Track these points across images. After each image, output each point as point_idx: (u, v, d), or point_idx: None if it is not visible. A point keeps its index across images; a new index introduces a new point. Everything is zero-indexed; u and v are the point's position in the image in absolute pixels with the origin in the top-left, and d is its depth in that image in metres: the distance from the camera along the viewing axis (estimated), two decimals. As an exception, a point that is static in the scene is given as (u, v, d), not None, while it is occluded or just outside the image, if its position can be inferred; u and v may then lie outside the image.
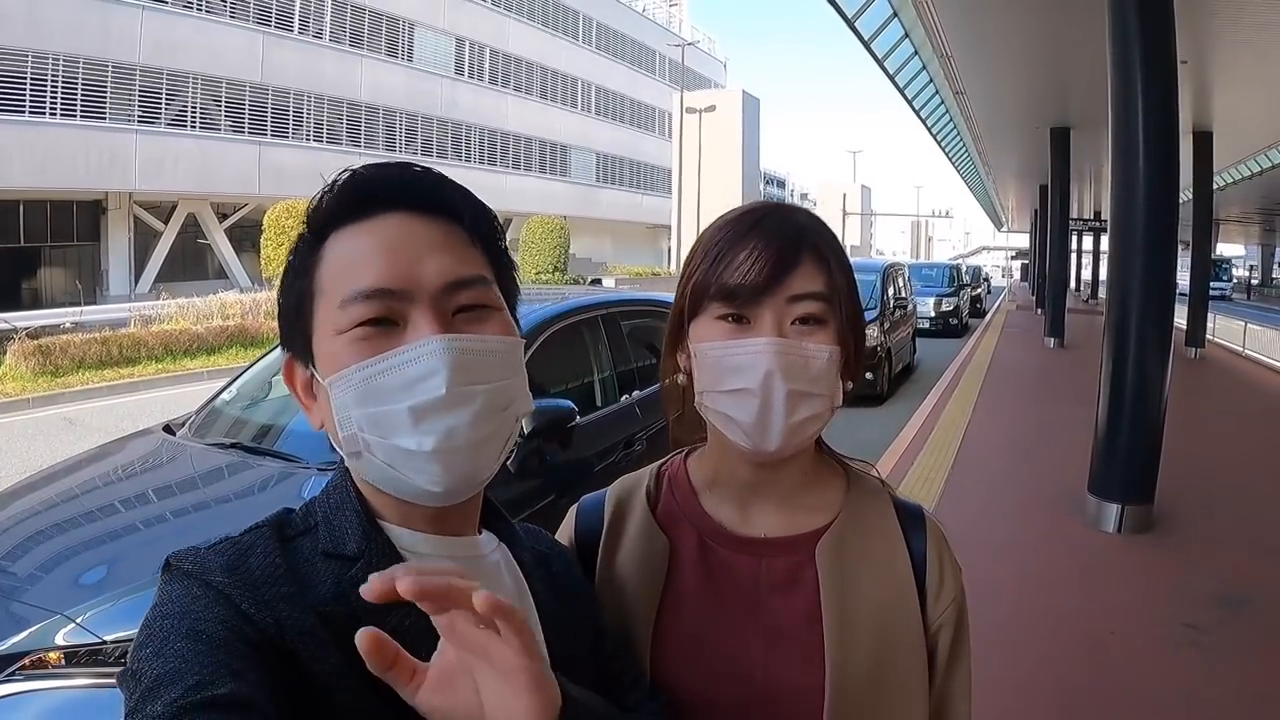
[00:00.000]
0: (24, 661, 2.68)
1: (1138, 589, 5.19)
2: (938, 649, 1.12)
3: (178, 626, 0.73)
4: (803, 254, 1.04)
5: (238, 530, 0.88)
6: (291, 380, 0.94)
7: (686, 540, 1.15)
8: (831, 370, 1.04)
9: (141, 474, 4.12)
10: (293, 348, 0.92)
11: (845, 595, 1.08)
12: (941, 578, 1.13)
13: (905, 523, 1.16)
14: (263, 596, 0.77)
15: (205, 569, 0.78)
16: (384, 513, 0.90)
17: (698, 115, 47.07)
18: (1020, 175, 29.86)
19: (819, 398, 1.04)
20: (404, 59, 37.64)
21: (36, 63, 24.24)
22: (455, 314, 0.87)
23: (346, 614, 0.79)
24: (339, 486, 0.92)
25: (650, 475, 1.24)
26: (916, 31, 12.88)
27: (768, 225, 1.05)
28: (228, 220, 31.90)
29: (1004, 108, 16.99)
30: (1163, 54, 6.01)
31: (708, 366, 1.05)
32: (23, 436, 10.19)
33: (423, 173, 0.91)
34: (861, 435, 10.20)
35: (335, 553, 0.85)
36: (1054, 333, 18.70)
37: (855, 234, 78.81)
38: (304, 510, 0.92)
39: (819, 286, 1.04)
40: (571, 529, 1.24)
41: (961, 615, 1.14)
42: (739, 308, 1.03)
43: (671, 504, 1.19)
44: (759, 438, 1.03)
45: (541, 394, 4.27)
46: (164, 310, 18.29)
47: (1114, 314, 6.18)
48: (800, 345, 1.02)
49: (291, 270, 0.91)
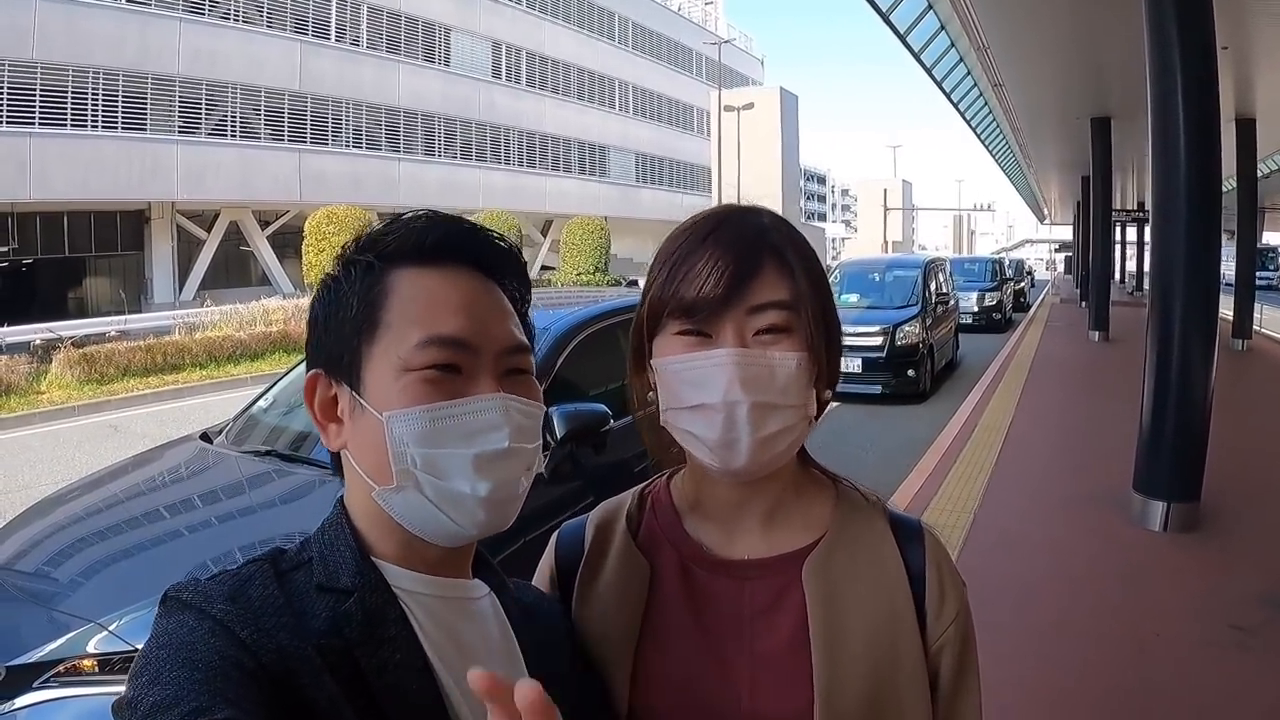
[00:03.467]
0: (58, 669, 2.71)
1: (1183, 589, 5.08)
2: (941, 671, 1.05)
3: (174, 656, 0.73)
4: (763, 260, 0.99)
5: (273, 538, 0.89)
6: (313, 396, 0.93)
7: (668, 564, 1.10)
8: (800, 379, 0.99)
9: (178, 482, 4.17)
10: (329, 366, 0.92)
11: (834, 617, 1.02)
12: (942, 594, 1.06)
13: (901, 537, 1.09)
14: (263, 625, 0.78)
15: (206, 599, 0.78)
16: (380, 550, 0.91)
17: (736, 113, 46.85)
18: (1061, 167, 29.47)
19: (788, 409, 0.99)
20: (441, 64, 37.86)
21: (77, 77, 24.70)
22: (503, 374, 0.91)
23: (340, 647, 0.82)
24: (334, 524, 0.93)
25: (632, 498, 1.20)
26: (953, 24, 12.76)
27: (724, 232, 1.01)
28: (270, 227, 32.29)
29: (1043, 99, 16.77)
30: (1201, 40, 5.88)
31: (668, 383, 1.01)
32: (69, 444, 10.40)
33: (490, 234, 0.97)
34: (905, 432, 10.17)
35: (329, 586, 0.86)
36: (1098, 326, 18.45)
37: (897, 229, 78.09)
38: (299, 546, 0.92)
39: (782, 294, 0.99)
40: (551, 559, 1.21)
41: (966, 634, 1.08)
42: (698, 323, 0.99)
43: (654, 527, 1.15)
44: (725, 455, 0.98)
45: (576, 398, 4.27)
46: (208, 317, 18.60)
47: (1157, 307, 6.06)
48: (763, 354, 0.97)
49: (345, 291, 0.91)
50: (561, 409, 3.92)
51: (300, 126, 31.56)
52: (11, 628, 2.95)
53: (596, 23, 47.82)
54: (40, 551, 3.42)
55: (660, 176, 54.04)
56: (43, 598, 3.07)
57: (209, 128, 28.57)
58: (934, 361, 14.05)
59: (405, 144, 36.07)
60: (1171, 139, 5.87)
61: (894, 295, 14.22)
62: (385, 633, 0.85)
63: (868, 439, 10.06)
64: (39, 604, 3.02)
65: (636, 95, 51.56)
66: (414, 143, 36.56)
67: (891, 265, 15.80)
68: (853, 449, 9.22)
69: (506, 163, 41.41)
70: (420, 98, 36.44)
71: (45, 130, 23.94)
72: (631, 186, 50.85)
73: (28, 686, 2.71)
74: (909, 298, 14.03)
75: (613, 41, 49.20)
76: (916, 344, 13.02)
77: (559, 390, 4.24)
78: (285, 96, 30.96)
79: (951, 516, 6.33)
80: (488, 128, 40.32)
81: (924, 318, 13.52)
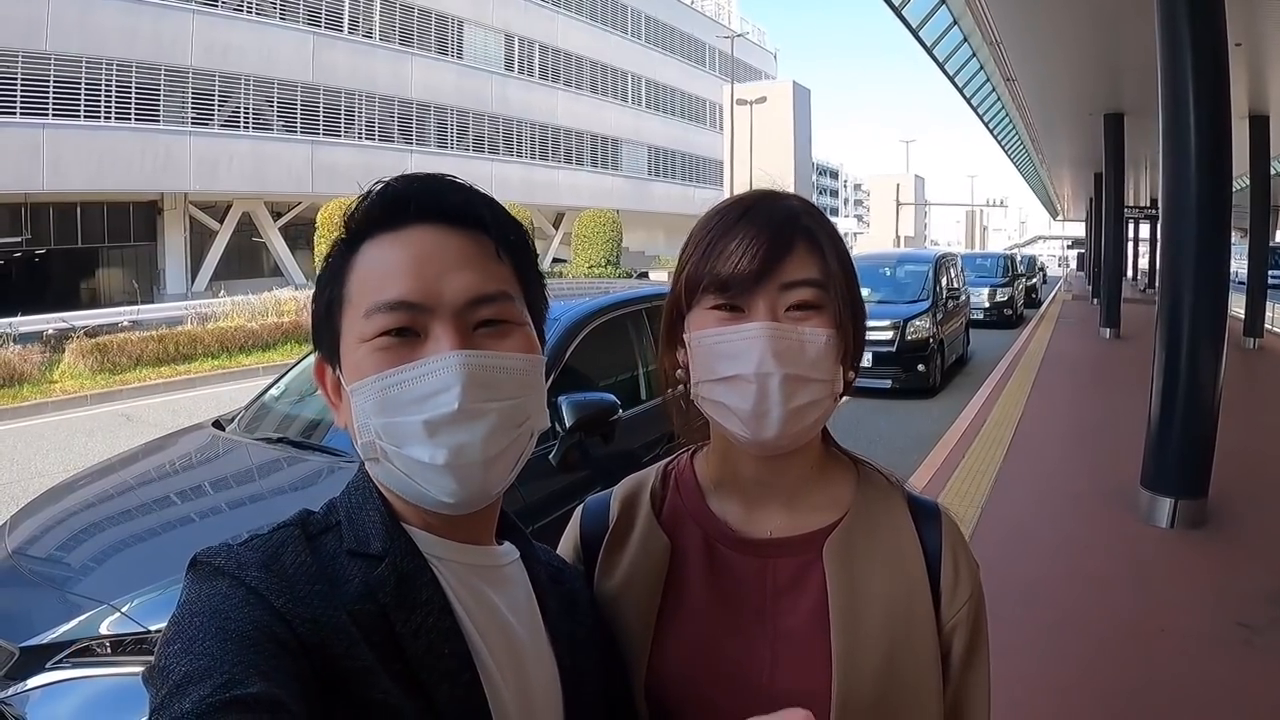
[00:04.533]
0: (71, 650, 2.75)
1: (1190, 586, 5.07)
2: (952, 649, 1.07)
3: (207, 625, 0.72)
4: (795, 240, 1.02)
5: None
6: (322, 379, 0.95)
7: (692, 541, 1.12)
8: (829, 355, 1.01)
9: (191, 469, 4.20)
10: (322, 349, 0.94)
11: (854, 595, 1.04)
12: (957, 575, 1.08)
13: (919, 519, 1.12)
14: (298, 594, 0.78)
15: (240, 565, 0.78)
16: (405, 514, 0.91)
17: (748, 107, 46.80)
18: (1075, 163, 29.34)
19: (818, 383, 1.01)
20: (454, 56, 37.88)
21: (91, 68, 24.80)
22: (476, 328, 0.88)
23: (374, 611, 0.82)
24: (360, 486, 0.93)
25: (656, 474, 1.21)
26: (965, 19, 12.71)
27: (758, 212, 1.04)
28: (282, 219, 32.38)
29: (1056, 94, 16.70)
30: (1212, 36, 5.84)
31: (701, 356, 1.03)
32: (82, 432, 10.45)
33: (453, 184, 0.92)
34: (914, 427, 10.14)
35: (360, 551, 0.86)
36: (1109, 323, 18.35)
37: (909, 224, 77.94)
38: (325, 508, 0.93)
39: (813, 272, 1.01)
40: (577, 531, 1.23)
41: (979, 614, 1.10)
42: (732, 297, 1.01)
43: (677, 504, 1.16)
44: (757, 426, 1.00)
45: (585, 388, 4.28)
46: (220, 308, 18.65)
47: (1166, 304, 6.04)
48: (795, 329, 0.99)
49: (325, 274, 0.93)
50: (570, 398, 3.93)
51: (313, 118, 31.62)
52: (25, 610, 2.99)
53: (609, 16, 47.77)
54: (53, 536, 3.45)
55: (673, 170, 53.95)
56: (56, 581, 3.10)
57: (222, 119, 28.64)
58: (944, 357, 13.98)
59: (418, 136, 36.10)
60: (1182, 136, 5.85)
61: (905, 290, 14.13)
62: (419, 596, 0.85)
63: (877, 433, 10.04)
64: (52, 587, 3.05)
65: (649, 89, 51.48)
66: (426, 135, 36.58)
67: (902, 260, 15.74)
68: (862, 443, 9.12)
69: (519, 155, 41.42)
70: (433, 90, 36.46)
71: (59, 121, 24.02)
72: (644, 180, 50.77)
73: (41, 667, 2.74)
74: (920, 293, 13.95)
75: (625, 35, 49.14)
76: (927, 339, 12.97)
77: (568, 380, 4.25)
78: (298, 88, 31.02)
79: (960, 511, 6.29)
80: (500, 120, 40.34)
81: (934, 313, 13.45)
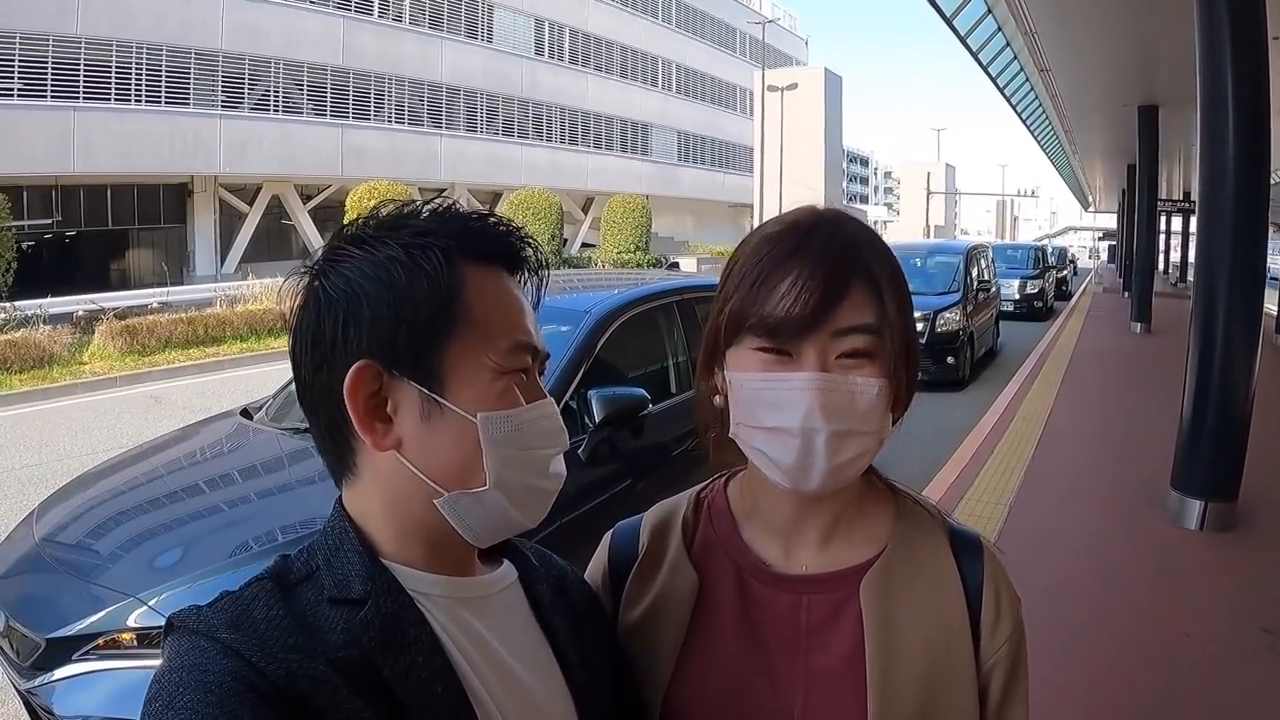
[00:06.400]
0: (98, 642, 2.76)
1: (1216, 589, 5.00)
2: (990, 688, 1.02)
3: (186, 679, 0.72)
4: (852, 281, 0.94)
5: (313, 518, 0.91)
6: (358, 390, 0.84)
7: (724, 575, 1.07)
8: (880, 406, 0.96)
9: (218, 458, 4.22)
10: (388, 359, 0.85)
11: (891, 633, 0.99)
12: (998, 612, 1.03)
13: (960, 552, 1.06)
14: (270, 649, 0.75)
15: (210, 627, 0.77)
16: (389, 551, 0.89)
17: (779, 93, 46.61)
18: (1107, 154, 28.99)
19: (865, 435, 0.96)
20: (483, 40, 37.86)
21: (121, 51, 24.96)
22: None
23: (359, 656, 0.80)
24: (336, 527, 0.90)
25: (689, 502, 1.16)
26: (1000, 8, 12.57)
27: (813, 245, 0.96)
28: (311, 202, 32.51)
29: (1090, 85, 16.47)
30: (1252, 29, 5.72)
31: (743, 400, 0.97)
32: (110, 414, 10.54)
33: (532, 245, 0.98)
34: (942, 420, 10.05)
35: (341, 598, 0.83)
36: (1140, 317, 18.15)
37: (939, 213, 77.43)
38: (305, 554, 0.89)
39: (869, 318, 0.95)
40: (605, 559, 1.18)
41: (1019, 652, 1.04)
42: (780, 343, 0.94)
43: (710, 535, 1.12)
44: (798, 478, 0.95)
45: (615, 381, 4.27)
46: (249, 290, 18.74)
47: (1200, 300, 5.94)
48: (846, 379, 0.94)
49: (413, 276, 0.85)
50: (600, 393, 3.91)
51: (342, 101, 31.70)
52: (52, 600, 3.00)
53: (640, 0, 47.58)
54: (81, 525, 3.46)
55: (702, 155, 53.75)
56: (83, 571, 3.10)
57: (251, 102, 28.78)
58: (974, 349, 13.94)
59: (447, 120, 36.13)
60: (1220, 130, 5.74)
61: (935, 281, 14.04)
62: (405, 636, 0.83)
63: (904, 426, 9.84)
64: (80, 577, 3.05)
65: (679, 73, 51.28)
66: (456, 119, 36.59)
67: (933, 251, 15.66)
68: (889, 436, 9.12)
69: (548, 139, 41.40)
70: (462, 74, 36.46)
71: (89, 104, 24.20)
72: (673, 165, 50.58)
73: (67, 659, 2.76)
74: (950, 284, 13.88)
75: (655, 19, 48.96)
76: (956, 331, 12.92)
77: (598, 373, 4.22)
78: (328, 71, 31.10)
79: (986, 508, 6.28)
80: (529, 104, 40.29)
81: (965, 305, 13.40)
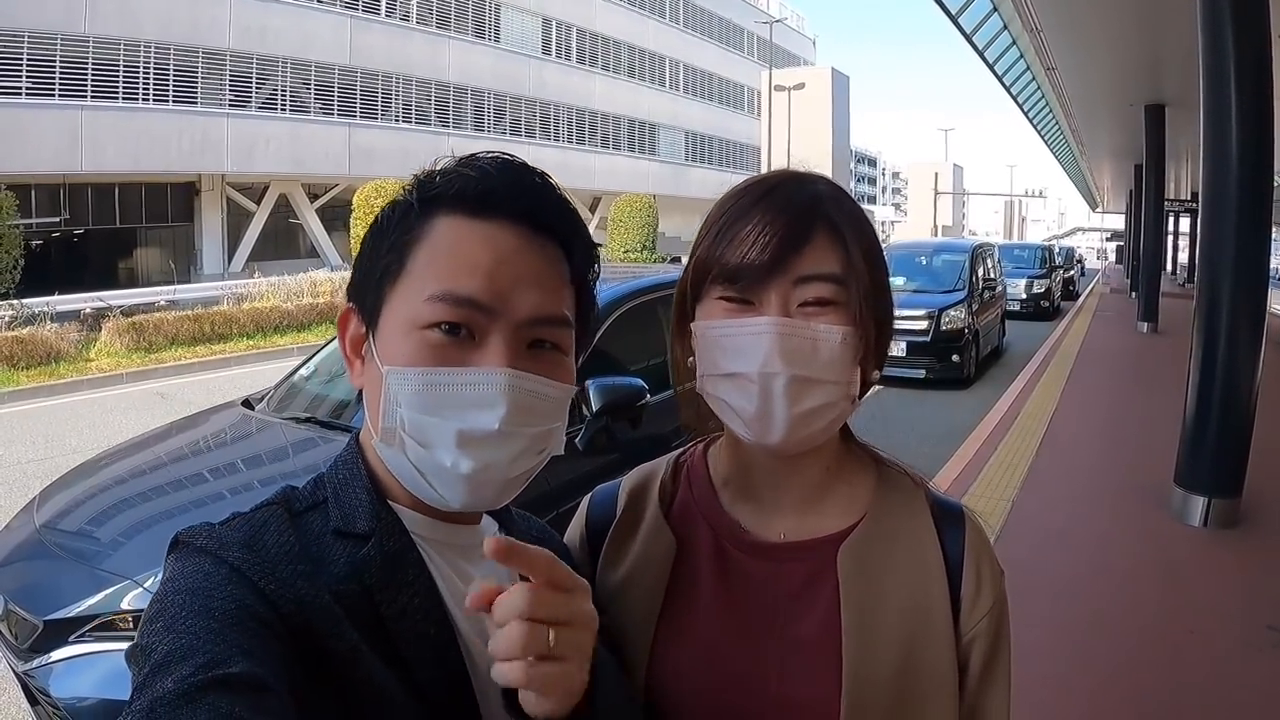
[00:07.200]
0: (94, 624, 2.79)
1: (1220, 587, 4.99)
2: (970, 662, 1.01)
3: (190, 603, 0.71)
4: (815, 229, 0.94)
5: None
6: (344, 328, 0.92)
7: (702, 540, 1.06)
8: (845, 355, 0.94)
9: (220, 447, 4.24)
10: (358, 302, 0.91)
11: (867, 604, 0.98)
12: (979, 584, 1.01)
13: (942, 522, 1.04)
14: (280, 574, 0.76)
15: (222, 545, 0.77)
16: (394, 493, 0.89)
17: (786, 93, 46.48)
18: (1115, 154, 28.92)
19: (829, 385, 0.94)
20: (491, 40, 37.82)
21: (129, 50, 24.94)
22: (527, 346, 0.86)
23: (359, 591, 0.81)
24: (348, 462, 0.91)
25: (667, 466, 1.15)
26: (1005, 6, 12.54)
27: (777, 196, 0.96)
28: (319, 200, 32.51)
29: (1097, 84, 16.43)
30: (1254, 28, 5.72)
31: (706, 348, 0.98)
32: (116, 410, 10.59)
33: (547, 186, 0.90)
34: (947, 418, 10.07)
35: (346, 530, 0.85)
36: (1147, 317, 18.09)
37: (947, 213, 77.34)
38: (313, 484, 0.91)
39: (832, 266, 0.94)
40: (583, 521, 1.18)
41: (1000, 625, 1.02)
42: (742, 290, 0.95)
43: (688, 499, 1.10)
44: (760, 429, 0.94)
45: (614, 372, 4.28)
46: (255, 288, 18.80)
47: (1204, 299, 5.94)
48: (807, 325, 0.92)
49: (386, 230, 0.89)
50: (598, 382, 3.93)
51: (350, 101, 31.68)
52: (51, 584, 3.02)
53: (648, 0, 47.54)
54: (83, 511, 3.49)
55: (710, 155, 53.66)
56: (82, 555, 3.13)
57: (259, 101, 28.79)
58: (979, 348, 13.94)
59: (454, 119, 36.08)
60: (1222, 128, 5.74)
61: (941, 279, 14.08)
62: (404, 576, 0.84)
63: (909, 423, 9.97)
64: (80, 561, 3.08)
65: (687, 73, 51.20)
66: (463, 118, 36.56)
67: (939, 249, 15.65)
68: (894, 433, 9.12)
69: (555, 139, 41.33)
70: (470, 73, 36.42)
71: (97, 104, 24.21)
72: (680, 165, 50.48)
73: (64, 641, 2.78)
74: (955, 282, 13.89)
75: (663, 19, 48.88)
76: (962, 329, 12.92)
77: (597, 364, 4.24)
78: (335, 71, 31.09)
79: (990, 505, 6.27)
80: (537, 104, 40.27)
81: (970, 303, 13.39)
